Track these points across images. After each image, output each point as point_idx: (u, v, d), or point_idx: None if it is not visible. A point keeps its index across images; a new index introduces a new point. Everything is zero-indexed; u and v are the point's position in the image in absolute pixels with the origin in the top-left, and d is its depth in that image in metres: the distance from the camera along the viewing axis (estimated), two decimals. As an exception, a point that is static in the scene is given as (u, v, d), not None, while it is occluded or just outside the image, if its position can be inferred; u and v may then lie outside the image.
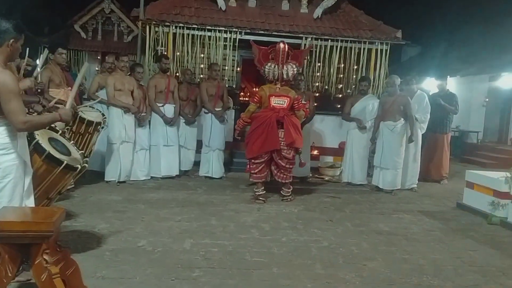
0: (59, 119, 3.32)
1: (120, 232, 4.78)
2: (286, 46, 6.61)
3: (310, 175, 8.53)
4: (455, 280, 4.04)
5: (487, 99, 14.33)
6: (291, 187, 6.72)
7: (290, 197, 6.68)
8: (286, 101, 6.45)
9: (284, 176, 6.55)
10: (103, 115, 6.56)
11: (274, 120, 6.30)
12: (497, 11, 15.25)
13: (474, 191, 6.63)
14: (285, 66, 6.52)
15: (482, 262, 4.54)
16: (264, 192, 6.58)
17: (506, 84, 13.12)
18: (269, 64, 6.56)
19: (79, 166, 3.66)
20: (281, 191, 6.70)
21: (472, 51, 14.75)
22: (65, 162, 3.50)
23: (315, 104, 8.34)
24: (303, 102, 7.02)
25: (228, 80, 9.30)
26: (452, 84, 13.80)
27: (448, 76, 11.85)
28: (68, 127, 5.42)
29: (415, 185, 8.13)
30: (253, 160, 6.48)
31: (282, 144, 6.32)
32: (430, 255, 4.64)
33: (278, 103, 6.43)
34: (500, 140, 14.04)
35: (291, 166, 6.56)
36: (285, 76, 6.54)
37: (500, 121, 14.30)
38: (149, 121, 7.65)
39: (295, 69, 6.62)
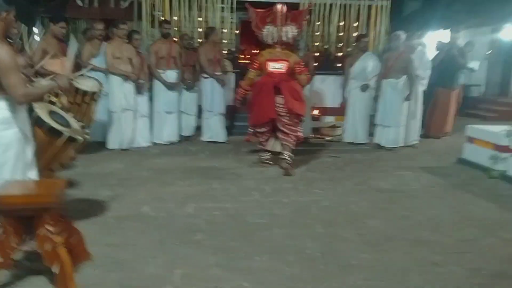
0: (57, 87, 3.37)
1: (124, 199, 4.87)
2: (285, 7, 6.33)
3: (312, 135, 8.55)
4: (453, 234, 4.11)
5: (489, 51, 14.11)
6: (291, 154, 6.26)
7: (287, 159, 6.14)
8: (284, 65, 6.15)
9: (290, 139, 6.19)
10: (100, 83, 6.53)
11: (271, 87, 6.01)
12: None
13: (474, 146, 6.63)
14: (284, 28, 6.24)
15: (480, 216, 4.61)
16: (270, 156, 6.46)
17: (509, 36, 12.91)
18: (267, 27, 6.28)
19: (81, 138, 3.70)
20: (280, 155, 6.25)
21: (475, 2, 14.42)
22: (67, 134, 3.55)
23: (315, 64, 8.28)
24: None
25: (228, 43, 9.21)
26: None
27: (450, 29, 11.64)
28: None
29: (417, 142, 8.15)
30: (257, 130, 6.35)
31: (282, 110, 6.05)
32: (429, 211, 4.71)
33: (276, 68, 6.18)
34: (502, 93, 13.93)
35: (295, 134, 6.23)
36: (284, 38, 6.25)
37: (502, 74, 14.13)
38: (151, 88, 7.65)
39: (296, 31, 6.33)
